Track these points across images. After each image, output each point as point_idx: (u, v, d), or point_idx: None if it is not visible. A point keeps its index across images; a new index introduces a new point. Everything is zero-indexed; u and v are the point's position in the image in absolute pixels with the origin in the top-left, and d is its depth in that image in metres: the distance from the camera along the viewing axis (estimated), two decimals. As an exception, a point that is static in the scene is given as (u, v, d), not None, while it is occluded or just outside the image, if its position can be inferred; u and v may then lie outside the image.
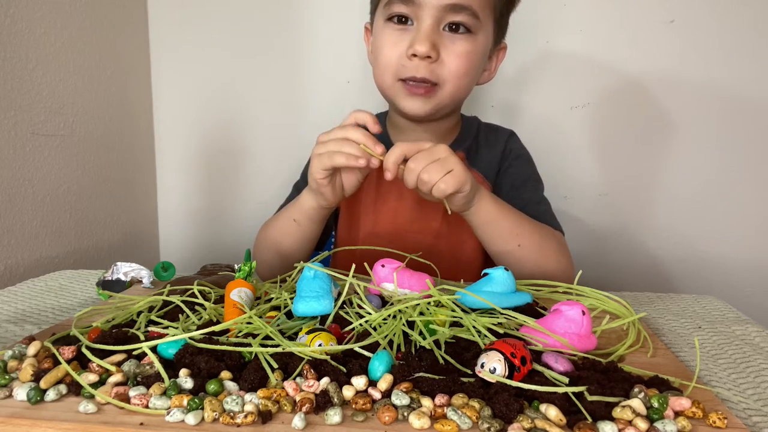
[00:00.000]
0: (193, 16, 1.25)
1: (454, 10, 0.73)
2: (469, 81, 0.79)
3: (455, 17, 0.73)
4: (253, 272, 0.60)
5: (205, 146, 1.32)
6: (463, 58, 0.75)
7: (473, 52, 0.76)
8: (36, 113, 0.96)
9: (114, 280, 0.70)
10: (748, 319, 0.64)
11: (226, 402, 0.37)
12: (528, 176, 0.87)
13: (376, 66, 0.81)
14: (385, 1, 0.76)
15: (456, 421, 0.35)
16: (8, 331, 0.58)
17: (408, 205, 0.84)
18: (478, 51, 0.77)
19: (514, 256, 0.73)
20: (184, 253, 1.37)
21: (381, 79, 0.80)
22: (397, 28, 0.76)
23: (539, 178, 0.89)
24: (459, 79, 0.76)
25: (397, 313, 0.51)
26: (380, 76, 0.80)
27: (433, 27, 0.73)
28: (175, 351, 0.43)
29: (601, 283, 0.68)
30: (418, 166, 0.64)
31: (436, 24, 0.73)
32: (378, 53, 0.79)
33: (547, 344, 0.47)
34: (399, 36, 0.76)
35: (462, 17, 0.73)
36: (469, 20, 0.74)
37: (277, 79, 1.26)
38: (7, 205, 0.91)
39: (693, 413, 0.37)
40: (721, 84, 1.14)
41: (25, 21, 0.93)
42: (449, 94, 0.77)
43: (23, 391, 0.39)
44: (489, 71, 0.84)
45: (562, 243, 0.78)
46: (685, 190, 1.20)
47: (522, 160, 0.88)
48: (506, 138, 0.89)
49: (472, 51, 0.76)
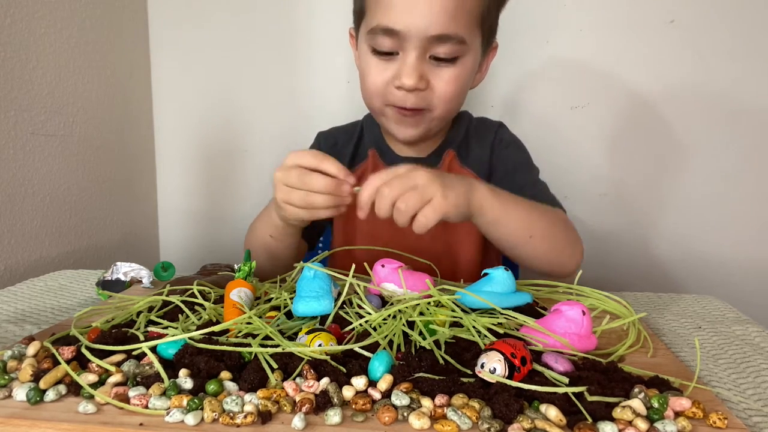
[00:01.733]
0: (193, 16, 1.25)
1: (439, 41, 0.69)
2: (460, 101, 0.77)
3: (441, 48, 0.70)
4: (252, 272, 0.60)
5: (205, 146, 1.32)
6: (452, 84, 0.73)
7: (462, 76, 0.74)
8: (36, 113, 0.96)
9: (114, 280, 0.70)
10: (748, 319, 0.64)
11: (225, 402, 0.37)
12: (520, 161, 0.85)
13: (362, 88, 0.79)
14: (369, 26, 0.73)
15: (456, 421, 0.35)
16: (8, 331, 0.58)
17: None
18: (467, 72, 0.75)
19: (527, 248, 0.69)
20: (183, 253, 1.37)
21: (369, 102, 0.78)
22: (382, 58, 0.73)
23: (532, 162, 0.87)
24: (449, 103, 0.75)
25: (397, 313, 0.51)
26: (368, 99, 0.78)
27: (419, 58, 0.70)
28: (174, 351, 0.43)
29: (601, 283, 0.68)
30: (393, 192, 0.57)
31: (422, 54, 0.70)
32: (363, 78, 0.77)
33: (547, 344, 0.47)
34: (384, 65, 0.73)
35: (448, 47, 0.70)
36: (455, 49, 0.70)
37: (277, 79, 1.26)
38: (7, 205, 0.91)
39: (693, 413, 0.37)
40: (721, 84, 1.14)
41: (25, 21, 0.93)
42: (439, 117, 0.76)
43: (23, 391, 0.39)
44: (480, 73, 0.82)
45: (567, 221, 0.76)
46: (685, 190, 1.20)
47: (513, 147, 0.86)
48: (495, 129, 0.87)
49: (461, 75, 0.73)
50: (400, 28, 0.68)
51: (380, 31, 0.70)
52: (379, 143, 0.86)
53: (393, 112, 0.76)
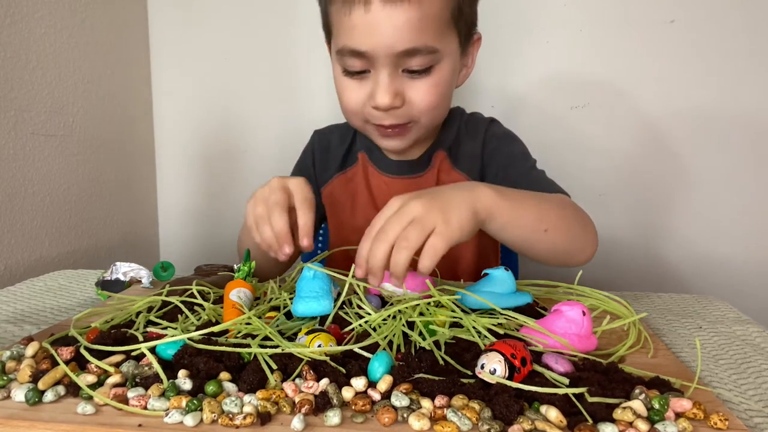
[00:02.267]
0: (193, 16, 1.25)
1: (409, 55, 0.66)
2: (444, 106, 0.75)
3: (411, 62, 0.67)
4: (252, 272, 0.60)
5: (204, 146, 1.32)
6: (430, 95, 0.70)
7: (441, 83, 0.71)
8: (36, 113, 0.96)
9: (113, 280, 0.70)
10: (748, 319, 0.64)
11: (224, 403, 0.37)
12: (514, 153, 0.81)
13: (341, 108, 0.76)
14: (337, 46, 0.71)
15: (456, 422, 0.35)
16: (7, 331, 0.57)
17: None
18: (446, 78, 0.72)
19: (544, 243, 0.65)
20: (183, 253, 1.37)
21: (349, 120, 0.77)
22: (354, 78, 0.71)
23: (527, 153, 0.83)
24: (431, 111, 0.72)
25: (397, 314, 0.51)
26: (348, 118, 0.77)
27: (391, 75, 0.68)
28: (173, 352, 0.43)
29: (601, 283, 0.68)
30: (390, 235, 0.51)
31: (393, 71, 0.68)
32: (340, 98, 0.75)
33: (548, 345, 0.47)
34: (358, 84, 0.71)
35: (419, 59, 0.67)
36: (427, 59, 0.67)
37: (277, 79, 1.26)
38: (7, 205, 0.91)
39: (694, 414, 0.37)
40: (721, 84, 1.14)
41: (25, 21, 0.93)
42: (425, 125, 0.74)
43: (21, 392, 0.39)
44: (467, 68, 0.79)
45: (574, 204, 0.72)
46: (685, 189, 1.19)
47: (505, 139, 0.83)
48: (486, 125, 0.85)
49: (439, 83, 0.70)
50: (365, 49, 0.66)
51: (347, 53, 0.68)
52: (369, 146, 0.85)
53: (374, 129, 0.74)
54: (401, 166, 0.83)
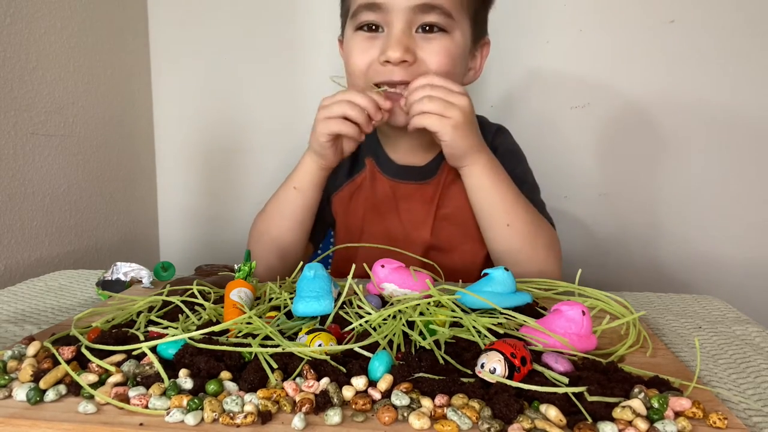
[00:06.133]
0: (193, 16, 1.25)
1: (424, 11, 0.69)
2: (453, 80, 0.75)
3: (427, 17, 0.69)
4: (252, 272, 0.60)
5: (205, 146, 1.32)
6: (442, 56, 0.71)
7: (452, 49, 0.72)
8: (36, 113, 0.96)
9: (114, 280, 0.70)
10: (748, 319, 0.64)
11: (225, 402, 0.37)
12: (519, 178, 0.79)
13: (347, 74, 0.77)
14: (352, 12, 0.72)
15: (456, 421, 0.35)
16: (8, 331, 0.58)
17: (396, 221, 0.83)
18: (458, 48, 0.73)
19: (502, 235, 0.69)
20: (183, 253, 1.37)
21: (353, 83, 0.76)
22: (367, 36, 0.72)
23: (529, 175, 0.83)
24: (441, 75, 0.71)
25: (397, 314, 0.51)
26: (352, 81, 0.76)
27: (405, 31, 0.69)
28: (174, 351, 0.43)
29: (601, 283, 0.68)
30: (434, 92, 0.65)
31: (407, 27, 0.69)
32: (347, 61, 0.76)
33: (547, 344, 0.47)
34: (369, 43, 0.72)
35: (434, 17, 0.69)
36: (441, 19, 0.70)
37: (277, 79, 1.26)
38: (7, 205, 0.91)
39: (693, 414, 0.37)
40: (721, 84, 1.14)
41: (25, 21, 0.93)
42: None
43: (23, 391, 0.39)
44: (474, 69, 0.80)
45: (553, 236, 0.75)
46: (685, 189, 1.20)
47: (508, 156, 0.81)
48: (493, 133, 0.84)
49: (450, 47, 0.71)
50: (382, 1, 0.68)
51: (363, 8, 0.70)
52: (376, 152, 0.85)
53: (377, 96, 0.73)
54: (408, 172, 0.83)
